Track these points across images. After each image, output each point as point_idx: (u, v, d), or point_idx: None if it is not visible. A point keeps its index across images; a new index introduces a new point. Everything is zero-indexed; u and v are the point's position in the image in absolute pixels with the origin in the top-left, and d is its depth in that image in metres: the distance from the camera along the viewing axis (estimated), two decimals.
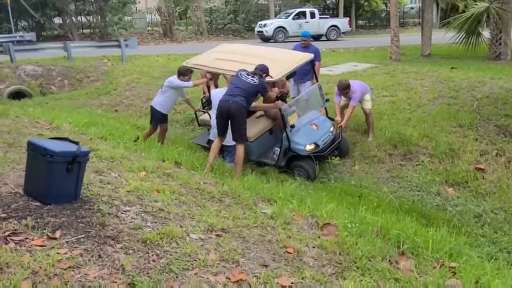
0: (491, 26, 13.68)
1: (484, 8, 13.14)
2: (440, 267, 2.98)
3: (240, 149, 5.91)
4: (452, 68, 11.52)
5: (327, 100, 7.79)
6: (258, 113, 7.53)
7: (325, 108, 7.83)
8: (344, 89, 7.41)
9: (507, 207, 6.05)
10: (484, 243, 5.16)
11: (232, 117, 5.82)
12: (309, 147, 6.76)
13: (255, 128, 7.03)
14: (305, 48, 8.25)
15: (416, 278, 2.79)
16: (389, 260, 2.99)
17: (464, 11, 13.13)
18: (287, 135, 6.68)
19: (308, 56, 7.49)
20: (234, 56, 7.13)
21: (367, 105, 7.74)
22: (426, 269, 2.95)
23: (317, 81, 7.87)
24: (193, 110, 7.96)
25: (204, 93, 7.74)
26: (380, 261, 2.94)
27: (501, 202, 6.16)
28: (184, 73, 7.01)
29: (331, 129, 7.30)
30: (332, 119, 7.58)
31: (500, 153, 7.06)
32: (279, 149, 6.94)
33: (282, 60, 7.11)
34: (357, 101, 7.41)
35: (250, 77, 5.95)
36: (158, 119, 7.22)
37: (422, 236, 3.44)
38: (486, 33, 13.86)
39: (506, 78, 9.70)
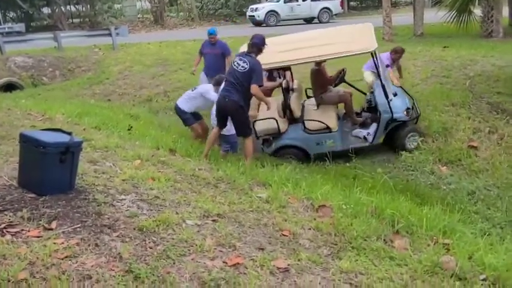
0: (483, 3, 13.65)
1: None
2: (434, 244, 3.02)
3: (248, 143, 5.69)
4: (444, 47, 11.50)
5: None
6: (312, 104, 7.44)
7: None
8: (402, 52, 7.89)
9: (500, 184, 6.12)
10: (477, 220, 5.22)
11: (230, 115, 5.65)
12: (406, 112, 6.84)
13: (330, 117, 6.93)
14: (213, 45, 8.35)
15: (411, 256, 2.83)
16: (384, 239, 3.03)
17: None
18: (389, 106, 6.63)
19: (368, 26, 7.03)
20: (295, 45, 6.65)
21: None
22: (420, 247, 3.00)
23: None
24: None
25: None
26: (375, 241, 2.98)
27: (494, 179, 6.24)
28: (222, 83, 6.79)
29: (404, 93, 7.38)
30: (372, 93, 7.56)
31: (493, 130, 7.12)
32: (366, 131, 6.97)
33: (348, 40, 6.60)
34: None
35: (241, 62, 5.47)
36: (188, 118, 7.03)
37: (416, 215, 3.48)
38: (477, 11, 13.82)
39: (498, 55, 9.72)
